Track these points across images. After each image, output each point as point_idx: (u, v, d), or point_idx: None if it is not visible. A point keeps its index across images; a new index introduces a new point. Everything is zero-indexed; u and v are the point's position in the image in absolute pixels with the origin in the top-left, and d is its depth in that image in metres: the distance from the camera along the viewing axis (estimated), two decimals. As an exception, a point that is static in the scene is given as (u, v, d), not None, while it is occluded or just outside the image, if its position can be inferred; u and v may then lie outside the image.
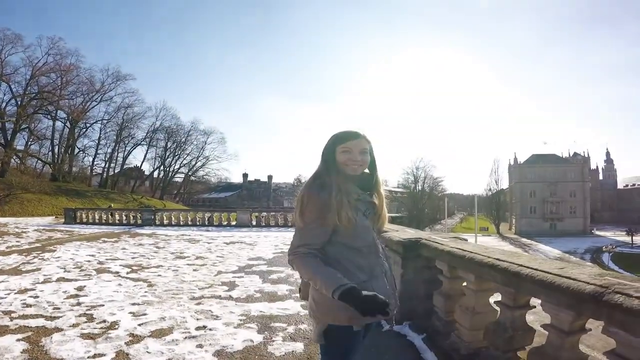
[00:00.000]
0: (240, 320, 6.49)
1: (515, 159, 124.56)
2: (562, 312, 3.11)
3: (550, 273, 3.20)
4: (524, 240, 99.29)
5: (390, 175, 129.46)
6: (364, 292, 2.12)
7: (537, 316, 4.59)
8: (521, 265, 3.57)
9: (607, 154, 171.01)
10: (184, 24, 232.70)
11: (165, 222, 31.59)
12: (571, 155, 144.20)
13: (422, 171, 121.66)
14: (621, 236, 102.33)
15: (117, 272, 11.00)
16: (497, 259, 3.94)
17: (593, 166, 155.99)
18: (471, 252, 4.44)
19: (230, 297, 8.11)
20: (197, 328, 6.08)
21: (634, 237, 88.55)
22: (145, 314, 6.79)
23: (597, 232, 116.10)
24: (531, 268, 3.44)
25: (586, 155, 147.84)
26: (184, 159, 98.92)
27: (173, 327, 6.10)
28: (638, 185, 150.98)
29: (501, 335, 3.91)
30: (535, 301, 3.69)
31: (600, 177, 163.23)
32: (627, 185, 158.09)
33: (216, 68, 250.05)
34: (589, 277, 2.93)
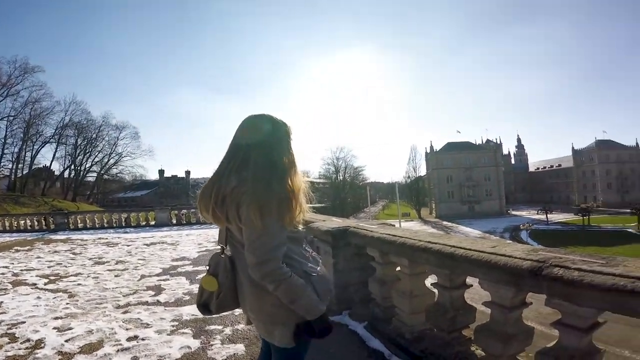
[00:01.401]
0: (173, 326, 6.19)
1: (432, 147, 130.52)
2: (502, 288, 3.15)
3: (485, 252, 3.24)
4: (445, 223, 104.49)
5: (311, 166, 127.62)
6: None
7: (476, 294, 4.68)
8: (454, 247, 3.59)
9: (518, 140, 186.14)
10: (97, 13, 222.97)
11: (80, 225, 29.09)
12: (484, 142, 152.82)
13: (342, 161, 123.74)
14: (535, 215, 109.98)
15: (35, 284, 10.11)
16: (429, 242, 3.93)
17: (505, 152, 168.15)
18: (402, 237, 4.41)
19: (158, 302, 7.72)
20: (129, 339, 5.70)
21: (548, 215, 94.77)
22: (70, 328, 6.26)
23: (513, 212, 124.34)
24: (465, 248, 3.46)
25: (498, 142, 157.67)
26: (96, 156, 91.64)
27: (103, 340, 5.67)
28: (547, 167, 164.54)
29: (443, 316, 3.93)
30: (470, 280, 3.73)
31: (513, 162, 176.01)
32: (537, 168, 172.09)
33: (129, 60, 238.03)
34: (523, 253, 3.00)
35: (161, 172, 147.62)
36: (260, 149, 2.24)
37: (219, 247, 2.46)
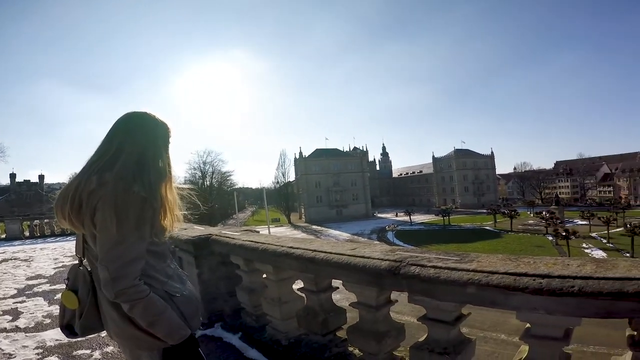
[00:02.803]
0: (38, 354, 5.46)
1: (301, 153, 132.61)
2: (365, 289, 3.15)
3: (345, 254, 3.21)
4: (314, 227, 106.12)
5: (176, 171, 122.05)
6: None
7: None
8: (315, 250, 3.52)
9: (383, 148, 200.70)
10: None
11: None
12: (352, 149, 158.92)
13: (209, 166, 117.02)
14: (400, 217, 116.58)
15: None
16: (291, 247, 3.85)
17: (371, 159, 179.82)
18: (264, 243, 4.26)
19: (17, 328, 6.66)
20: (-7, 374, 4.76)
21: (411, 217, 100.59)
22: None
23: (379, 215, 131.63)
24: (325, 252, 3.41)
25: (365, 149, 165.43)
26: None
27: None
28: (410, 173, 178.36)
29: (314, 319, 3.87)
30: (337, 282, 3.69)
31: (378, 168, 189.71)
32: (401, 174, 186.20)
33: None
34: (382, 254, 3.03)
35: (12, 176, 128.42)
36: (132, 148, 1.99)
37: (77, 258, 2.14)
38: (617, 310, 2.08)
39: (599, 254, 52.88)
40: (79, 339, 5.64)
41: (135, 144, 2.01)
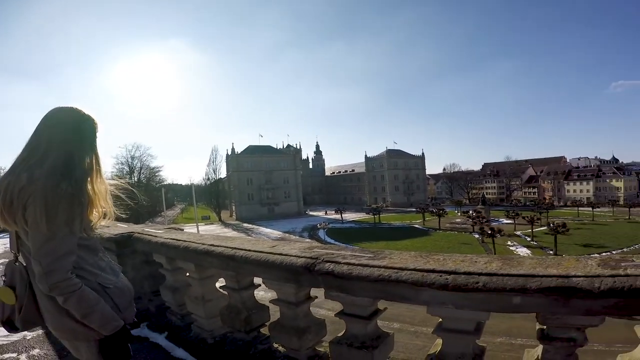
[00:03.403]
0: None
1: (233, 149, 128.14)
2: (284, 286, 3.18)
3: (264, 252, 3.22)
4: (246, 225, 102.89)
5: (104, 165, 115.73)
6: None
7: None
8: (235, 248, 3.52)
9: (317, 146, 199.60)
10: None
11: None
12: (285, 147, 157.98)
13: (138, 161, 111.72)
14: (331, 215, 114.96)
15: None
16: (212, 245, 3.82)
17: (304, 156, 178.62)
18: (186, 241, 4.20)
19: None
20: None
21: (343, 215, 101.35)
22: None
23: (311, 213, 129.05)
24: (245, 249, 3.41)
25: (298, 147, 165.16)
26: None
27: None
28: (342, 172, 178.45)
29: (237, 317, 3.85)
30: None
31: (311, 166, 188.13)
32: (333, 173, 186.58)
33: None
34: (299, 251, 3.07)
35: None
36: (60, 144, 2.01)
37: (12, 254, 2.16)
38: (522, 305, 2.20)
39: (523, 251, 55.74)
40: (5, 342, 5.43)
41: (64, 140, 2.02)
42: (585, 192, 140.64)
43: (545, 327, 2.42)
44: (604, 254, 47.98)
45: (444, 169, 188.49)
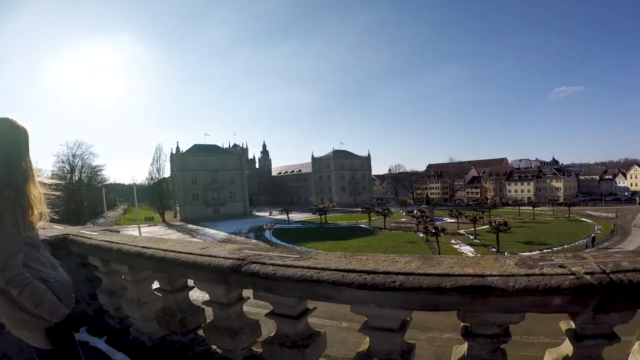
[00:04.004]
0: None
1: (178, 148, 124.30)
2: (214, 287, 3.20)
3: (194, 253, 3.25)
4: (190, 226, 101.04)
5: (43, 164, 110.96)
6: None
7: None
8: (166, 250, 3.52)
9: (264, 146, 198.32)
10: None
11: None
12: (231, 146, 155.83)
13: (79, 159, 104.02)
14: (277, 215, 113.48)
15: None
16: (144, 247, 3.80)
17: (251, 156, 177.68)
18: (119, 243, 4.14)
19: None
20: None
21: (289, 215, 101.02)
22: None
23: (257, 213, 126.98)
24: (175, 251, 3.41)
25: (245, 147, 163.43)
26: None
27: None
28: (289, 172, 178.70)
29: (172, 319, 3.82)
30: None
31: (257, 166, 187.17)
32: (279, 173, 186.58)
33: None
34: (228, 253, 3.10)
35: None
36: (0, 155, 2.22)
37: None
38: (441, 303, 2.27)
39: (467, 249, 57.49)
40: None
41: (4, 150, 2.23)
42: (526, 192, 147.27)
43: (468, 324, 2.51)
44: (545, 250, 50.74)
45: (390, 170, 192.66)
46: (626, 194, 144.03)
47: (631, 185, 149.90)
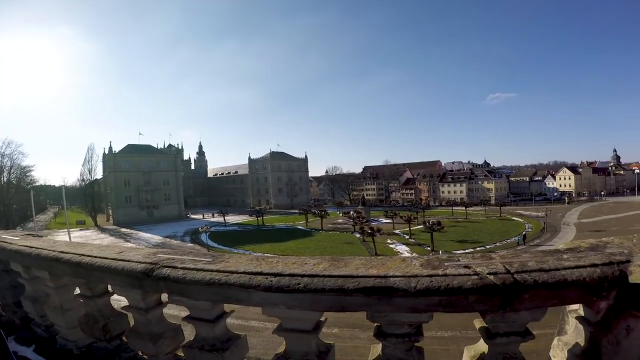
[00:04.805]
0: None
1: (110, 148, 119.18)
2: (131, 292, 3.14)
3: (109, 258, 3.17)
4: (124, 230, 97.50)
5: None
6: None
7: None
8: (82, 255, 3.42)
9: (200, 146, 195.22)
10: None
11: None
12: (166, 146, 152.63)
13: (8, 159, 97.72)
14: (214, 218, 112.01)
15: None
16: (62, 252, 3.65)
17: (186, 157, 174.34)
18: (38, 248, 3.98)
19: None
20: None
21: (225, 218, 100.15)
22: None
23: (193, 216, 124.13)
24: (92, 256, 3.33)
25: (180, 147, 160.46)
26: None
27: None
28: (225, 174, 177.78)
29: (95, 325, 3.71)
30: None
31: (193, 167, 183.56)
32: (216, 174, 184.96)
33: None
34: (142, 257, 3.05)
35: None
36: None
37: None
38: (348, 304, 2.30)
39: (402, 248, 59.04)
40: None
41: None
42: (459, 193, 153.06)
43: (380, 323, 2.54)
44: (478, 248, 52.92)
45: (327, 172, 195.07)
46: (555, 194, 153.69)
47: (560, 186, 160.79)
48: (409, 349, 2.60)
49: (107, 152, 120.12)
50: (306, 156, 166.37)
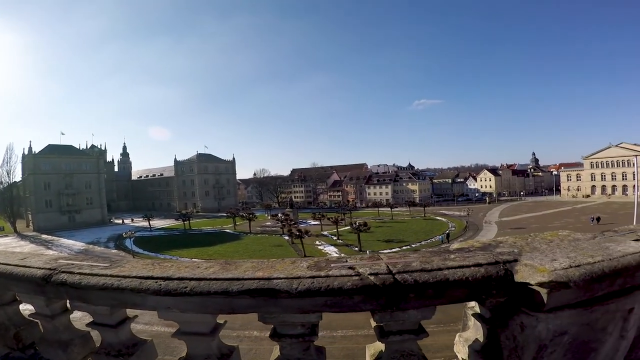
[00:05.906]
0: None
1: (30, 149, 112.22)
2: (35, 299, 3.10)
3: (11, 264, 3.13)
4: (45, 236, 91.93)
5: None
6: None
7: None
8: None
9: (124, 147, 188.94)
10: None
11: None
12: (89, 147, 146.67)
13: None
14: (139, 222, 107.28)
15: None
16: None
17: (110, 158, 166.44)
18: None
19: None
20: None
21: (151, 222, 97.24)
22: None
23: (116, 221, 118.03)
24: None
25: (104, 148, 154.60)
26: None
27: None
28: (150, 176, 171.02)
29: (7, 334, 3.61)
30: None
31: (117, 169, 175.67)
32: (140, 177, 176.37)
33: None
34: (43, 263, 3.01)
35: None
36: None
37: None
38: (237, 306, 2.37)
39: (331, 249, 60.32)
40: None
41: None
42: (385, 194, 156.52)
43: (273, 325, 2.62)
44: (404, 247, 54.20)
45: (255, 174, 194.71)
46: (477, 194, 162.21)
47: (481, 187, 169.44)
48: (307, 348, 2.67)
49: (26, 152, 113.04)
50: (234, 158, 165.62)
